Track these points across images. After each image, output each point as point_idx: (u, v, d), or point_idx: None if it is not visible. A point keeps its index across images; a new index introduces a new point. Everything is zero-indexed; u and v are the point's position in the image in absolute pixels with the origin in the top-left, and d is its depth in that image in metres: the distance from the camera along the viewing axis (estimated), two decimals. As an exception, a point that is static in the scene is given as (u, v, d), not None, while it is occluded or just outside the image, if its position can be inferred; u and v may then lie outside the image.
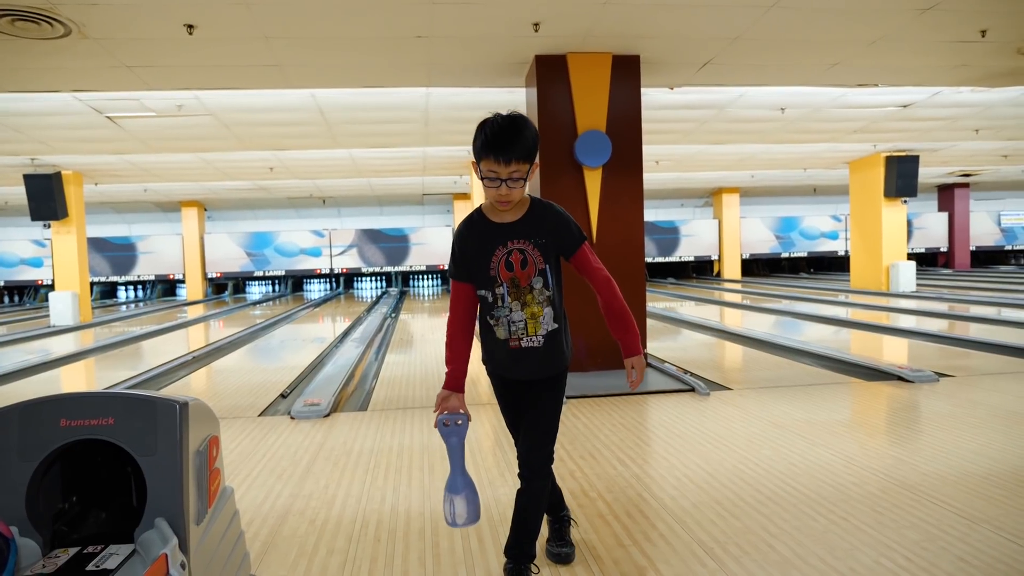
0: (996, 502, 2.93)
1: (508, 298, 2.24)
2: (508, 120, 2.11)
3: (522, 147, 2.09)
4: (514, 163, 2.09)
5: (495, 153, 2.08)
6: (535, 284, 2.23)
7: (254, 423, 4.82)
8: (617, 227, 6.20)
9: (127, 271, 19.53)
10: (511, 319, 2.25)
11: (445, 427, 2.21)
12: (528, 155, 2.12)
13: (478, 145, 2.12)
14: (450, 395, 2.24)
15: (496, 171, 2.10)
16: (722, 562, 2.47)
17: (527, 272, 2.22)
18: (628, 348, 2.30)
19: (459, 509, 2.20)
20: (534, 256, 2.22)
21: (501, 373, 2.38)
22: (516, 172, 2.10)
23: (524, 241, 2.22)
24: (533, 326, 2.24)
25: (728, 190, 19.98)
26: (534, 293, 2.23)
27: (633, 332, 2.30)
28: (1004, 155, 13.90)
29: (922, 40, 6.13)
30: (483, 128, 2.12)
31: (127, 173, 12.41)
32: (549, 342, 2.26)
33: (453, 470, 2.21)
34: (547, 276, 2.23)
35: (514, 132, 2.09)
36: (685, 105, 8.70)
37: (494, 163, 2.09)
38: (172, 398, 1.83)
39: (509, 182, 2.11)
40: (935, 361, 6.21)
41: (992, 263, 22.84)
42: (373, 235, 20.06)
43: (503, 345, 2.27)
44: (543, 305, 2.24)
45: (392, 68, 6.45)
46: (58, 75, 6.28)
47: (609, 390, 5.38)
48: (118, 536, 1.80)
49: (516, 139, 2.08)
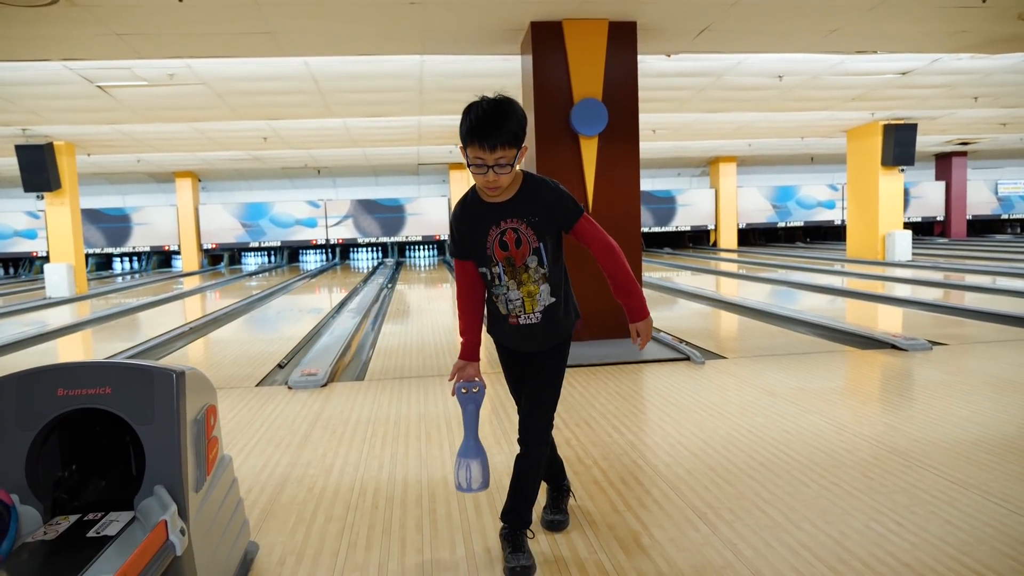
0: (985, 467, 2.98)
1: (504, 277, 2.25)
2: (494, 105, 2.07)
3: (508, 133, 2.05)
4: (500, 149, 2.05)
5: (480, 139, 2.04)
6: (530, 263, 2.23)
7: (252, 393, 4.85)
8: (613, 196, 6.18)
9: (122, 242, 19.47)
10: (508, 297, 2.27)
11: (463, 394, 2.30)
12: (514, 140, 2.07)
13: (463, 131, 2.08)
14: (466, 365, 2.33)
15: (482, 158, 2.07)
16: (715, 526, 2.51)
17: (521, 251, 2.22)
18: (632, 313, 2.29)
19: (474, 474, 2.27)
20: (528, 235, 2.21)
21: (505, 344, 2.43)
22: (503, 158, 2.07)
23: (517, 220, 2.21)
24: (530, 304, 2.26)
25: (725, 159, 19.89)
26: (529, 272, 2.24)
27: (637, 297, 2.27)
28: (1003, 123, 13.84)
29: (922, 5, 6.06)
30: (468, 113, 2.08)
31: (120, 143, 12.31)
32: (547, 317, 2.28)
33: (467, 436, 2.29)
34: (542, 254, 2.23)
35: (500, 117, 2.05)
36: (682, 73, 8.62)
37: (479, 150, 2.06)
38: (168, 367, 1.84)
39: (496, 168, 2.08)
40: (929, 330, 6.25)
41: (988, 232, 22.84)
42: (369, 205, 19.99)
43: (504, 320, 2.32)
44: (539, 283, 2.25)
45: (385, 35, 6.38)
46: (47, 43, 6.20)
47: (605, 359, 5.41)
48: (118, 504, 1.82)
49: (501, 125, 2.04)
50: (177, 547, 1.65)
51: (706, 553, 2.32)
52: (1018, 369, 4.70)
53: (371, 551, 2.43)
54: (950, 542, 2.33)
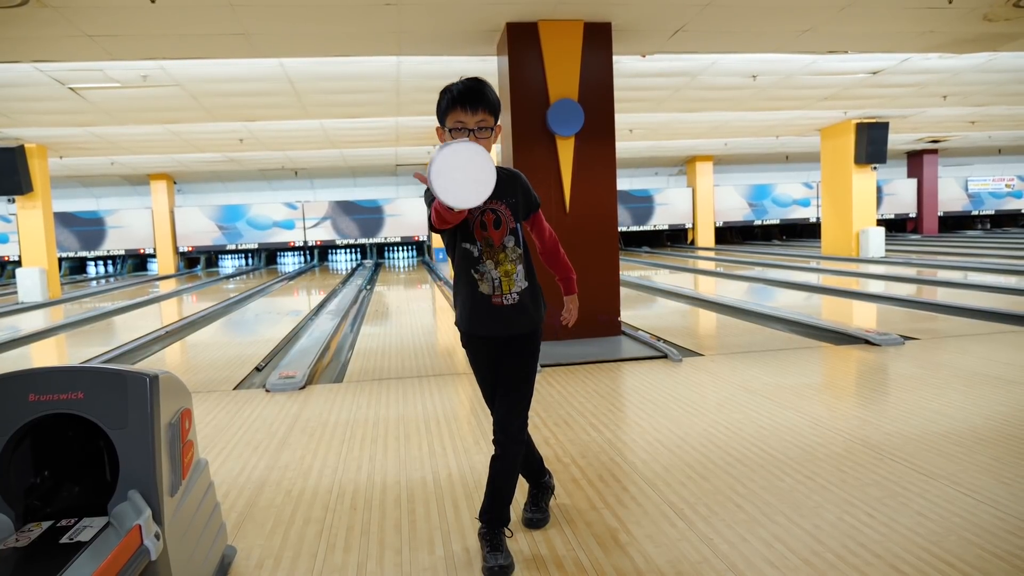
0: (954, 459, 3.04)
1: (484, 257, 2.30)
2: (472, 79, 2.23)
3: (488, 99, 2.20)
4: (480, 112, 2.18)
5: (462, 103, 2.17)
6: (507, 243, 2.31)
7: (229, 396, 4.81)
8: (590, 196, 6.21)
9: (96, 246, 19.19)
10: (491, 275, 2.31)
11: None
12: (493, 109, 2.22)
13: (444, 103, 2.22)
14: None
15: (463, 121, 2.18)
16: (691, 522, 2.54)
17: (500, 232, 2.30)
18: (568, 288, 2.55)
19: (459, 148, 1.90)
20: (506, 216, 2.31)
21: (477, 332, 2.38)
22: (483, 122, 2.19)
23: (497, 201, 2.29)
24: (507, 283, 2.31)
25: (702, 158, 20.04)
26: (507, 251, 2.30)
27: (573, 274, 2.54)
28: (971, 121, 14.08)
29: (890, 6, 6.16)
30: (448, 89, 2.23)
31: (93, 146, 12.14)
32: (523, 298, 2.34)
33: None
34: (518, 234, 2.34)
35: (479, 86, 2.21)
36: (657, 73, 8.68)
37: (461, 113, 2.18)
38: (142, 371, 1.83)
39: (477, 131, 2.19)
40: (902, 325, 6.35)
41: (959, 228, 23.22)
42: (347, 207, 19.89)
43: (487, 300, 2.31)
44: (516, 263, 2.32)
45: (361, 36, 6.36)
46: (17, 45, 6.10)
47: (583, 358, 5.43)
48: (92, 509, 1.81)
49: (482, 92, 2.20)
50: (152, 552, 1.64)
51: (682, 548, 2.35)
52: (987, 363, 4.80)
53: (350, 553, 2.43)
54: (920, 532, 2.38)
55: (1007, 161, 22.60)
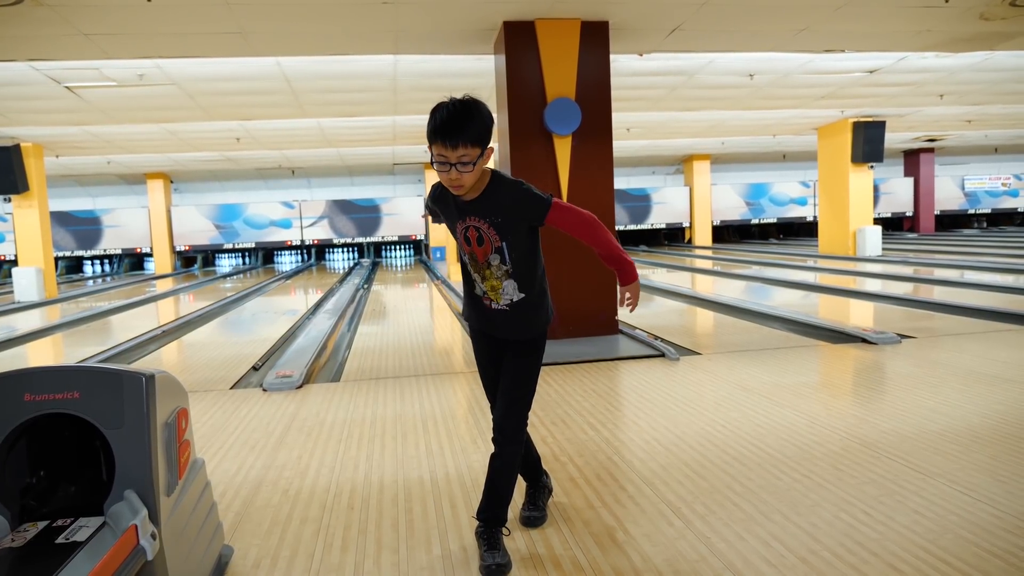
0: (950, 457, 3.04)
1: (471, 269, 2.33)
2: (459, 105, 2.10)
3: (471, 132, 2.08)
4: (461, 147, 2.08)
5: (442, 137, 2.08)
6: (492, 261, 2.28)
7: (226, 396, 4.81)
8: (588, 195, 6.21)
9: (93, 245, 19.15)
10: (480, 285, 2.35)
11: None
12: (478, 140, 2.10)
13: (429, 130, 2.12)
14: None
15: (445, 155, 2.10)
16: (688, 521, 2.54)
17: (484, 249, 2.28)
18: (622, 278, 2.38)
19: None
20: (489, 235, 2.26)
21: (475, 326, 2.47)
22: (465, 156, 2.09)
23: (479, 219, 2.25)
24: (495, 296, 2.33)
25: (699, 157, 20.04)
26: (492, 269, 2.30)
27: (623, 263, 2.36)
28: (968, 120, 14.10)
29: (887, 5, 6.16)
30: (434, 113, 2.12)
31: (89, 145, 12.11)
32: (516, 309, 2.33)
33: None
34: (504, 253, 2.26)
35: (464, 117, 2.08)
36: (655, 72, 8.68)
37: (442, 147, 2.09)
38: (138, 371, 1.83)
39: (459, 166, 2.11)
40: (899, 323, 6.36)
41: (956, 227, 23.27)
42: (344, 206, 19.86)
43: (480, 301, 2.37)
44: (501, 279, 2.30)
45: (358, 35, 6.35)
46: (12, 43, 6.08)
47: (580, 357, 5.44)
48: (88, 509, 1.80)
49: (465, 124, 2.07)
50: (148, 552, 1.64)
51: (680, 547, 2.35)
52: (984, 361, 4.80)
53: (347, 552, 2.43)
54: (917, 531, 2.38)
55: (1003, 160, 22.65)
